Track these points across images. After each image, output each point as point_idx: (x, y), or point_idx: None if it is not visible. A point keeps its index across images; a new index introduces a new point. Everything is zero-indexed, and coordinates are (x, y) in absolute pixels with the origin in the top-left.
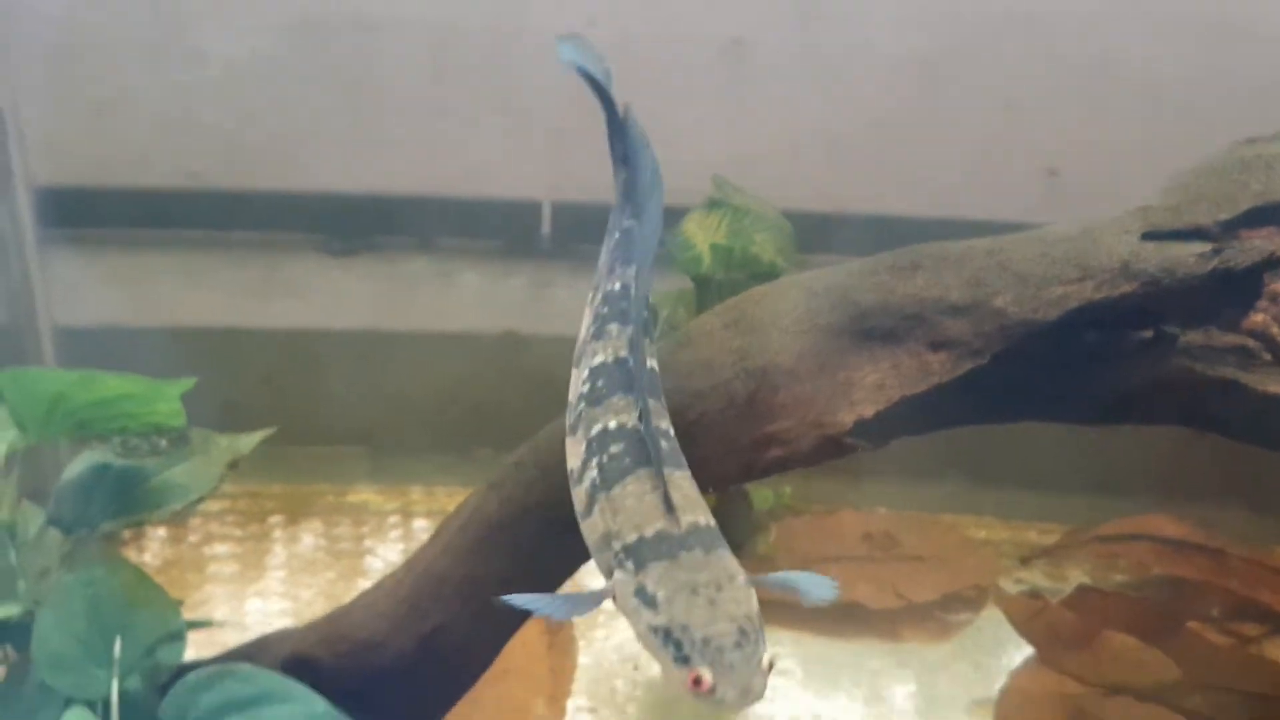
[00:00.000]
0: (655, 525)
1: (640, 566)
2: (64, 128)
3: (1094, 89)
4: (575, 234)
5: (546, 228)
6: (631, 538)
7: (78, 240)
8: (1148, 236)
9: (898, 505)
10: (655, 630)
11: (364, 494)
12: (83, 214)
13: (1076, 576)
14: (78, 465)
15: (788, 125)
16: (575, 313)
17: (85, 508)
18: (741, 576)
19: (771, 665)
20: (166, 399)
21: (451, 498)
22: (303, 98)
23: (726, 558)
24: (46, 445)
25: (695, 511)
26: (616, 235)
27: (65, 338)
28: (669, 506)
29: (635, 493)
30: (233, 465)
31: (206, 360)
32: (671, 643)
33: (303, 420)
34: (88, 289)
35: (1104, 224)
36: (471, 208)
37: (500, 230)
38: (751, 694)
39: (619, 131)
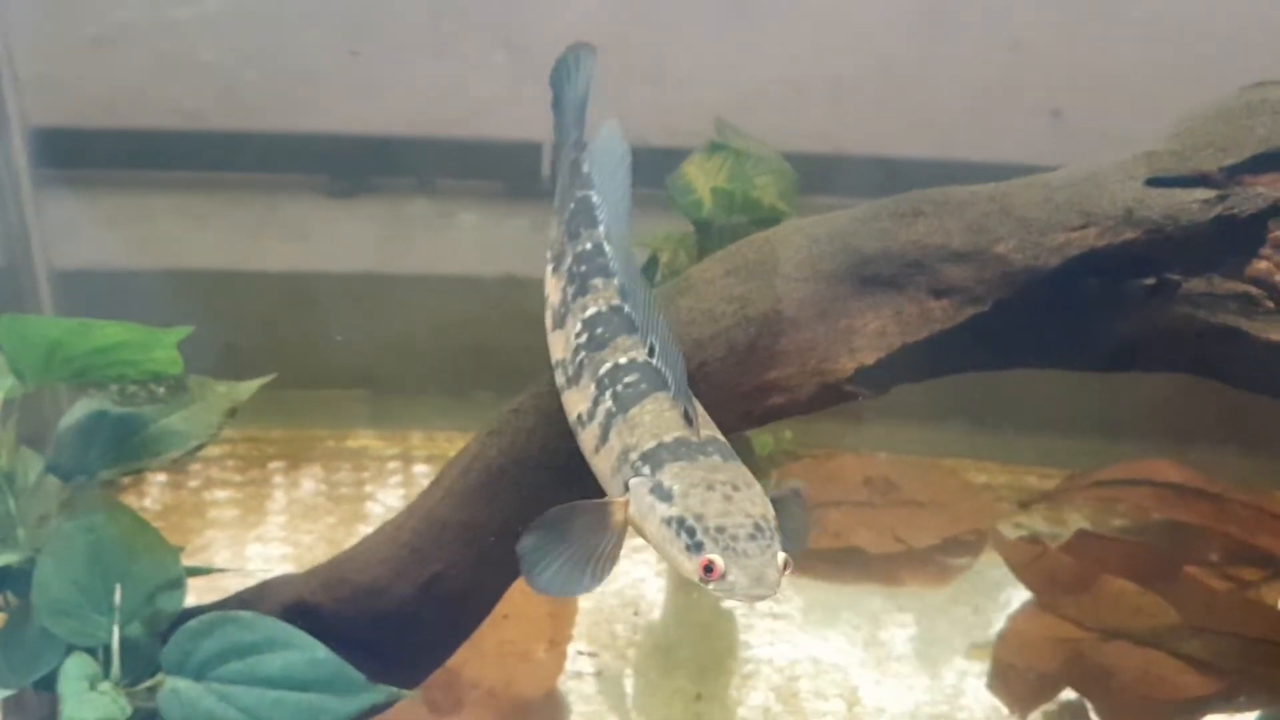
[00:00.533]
0: (674, 433)
1: (658, 468)
2: (59, 67)
3: (1099, 28)
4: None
5: (547, 169)
6: (649, 444)
7: (74, 181)
8: (1152, 183)
9: (898, 449)
10: (669, 521)
11: (364, 439)
12: (79, 154)
13: (1076, 521)
14: (76, 412)
15: (790, 67)
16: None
17: (84, 455)
18: (758, 486)
19: (788, 565)
20: (164, 346)
21: (452, 442)
22: (302, 36)
23: (743, 468)
24: (45, 391)
25: (712, 429)
26: (572, 205)
27: (63, 280)
28: (688, 419)
29: (654, 410)
30: (231, 413)
31: (205, 303)
32: (684, 530)
33: (302, 363)
34: (85, 231)
35: (1108, 169)
36: (472, 148)
37: (500, 171)
38: (764, 584)
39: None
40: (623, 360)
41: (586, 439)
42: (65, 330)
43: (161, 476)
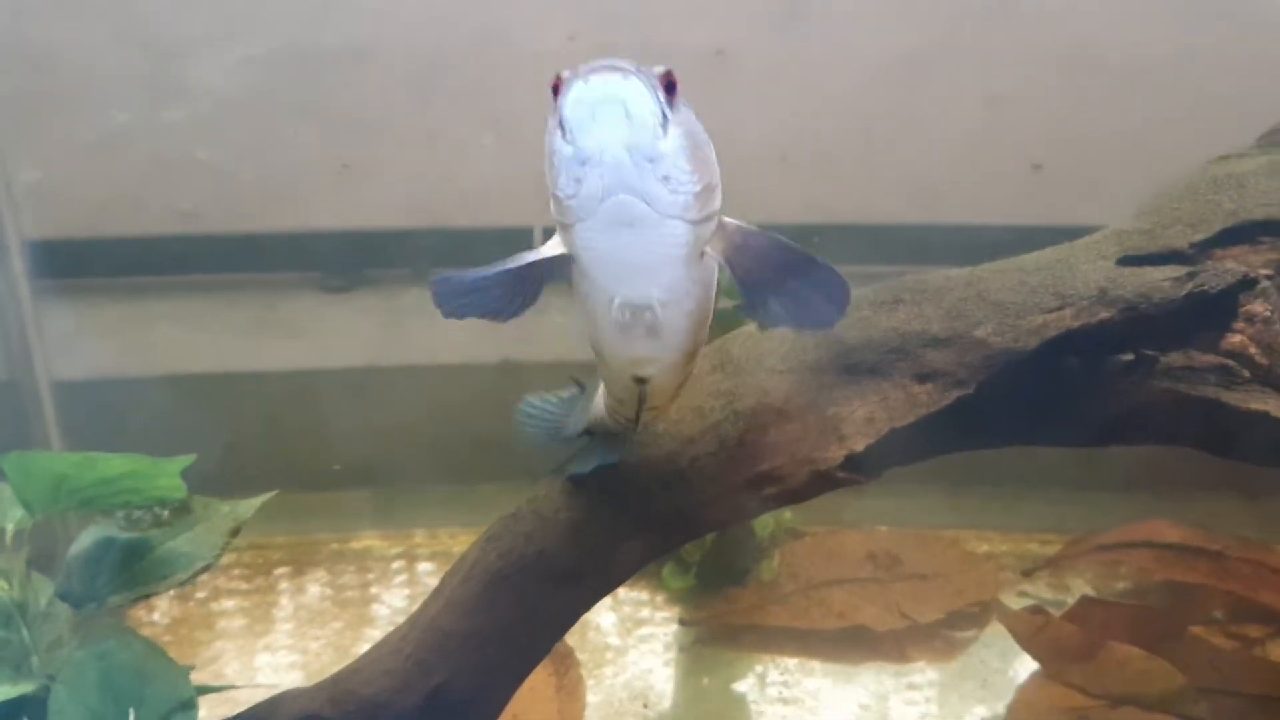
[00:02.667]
0: None
1: None
2: (57, 174)
3: (1076, 81)
4: (567, 258)
5: None
6: None
7: (74, 291)
8: (1124, 261)
9: (899, 520)
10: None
11: (367, 540)
12: (78, 264)
13: (1079, 586)
14: (84, 540)
15: (773, 135)
16: (568, 336)
17: (93, 582)
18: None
19: (672, 85)
20: (167, 475)
21: (454, 539)
22: (295, 131)
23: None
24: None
25: None
26: None
27: (64, 391)
28: None
29: None
30: (235, 532)
31: (206, 406)
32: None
33: (304, 461)
34: (85, 341)
35: (1080, 249)
36: (464, 236)
37: (493, 257)
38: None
39: None
40: None
41: None
42: (71, 464)
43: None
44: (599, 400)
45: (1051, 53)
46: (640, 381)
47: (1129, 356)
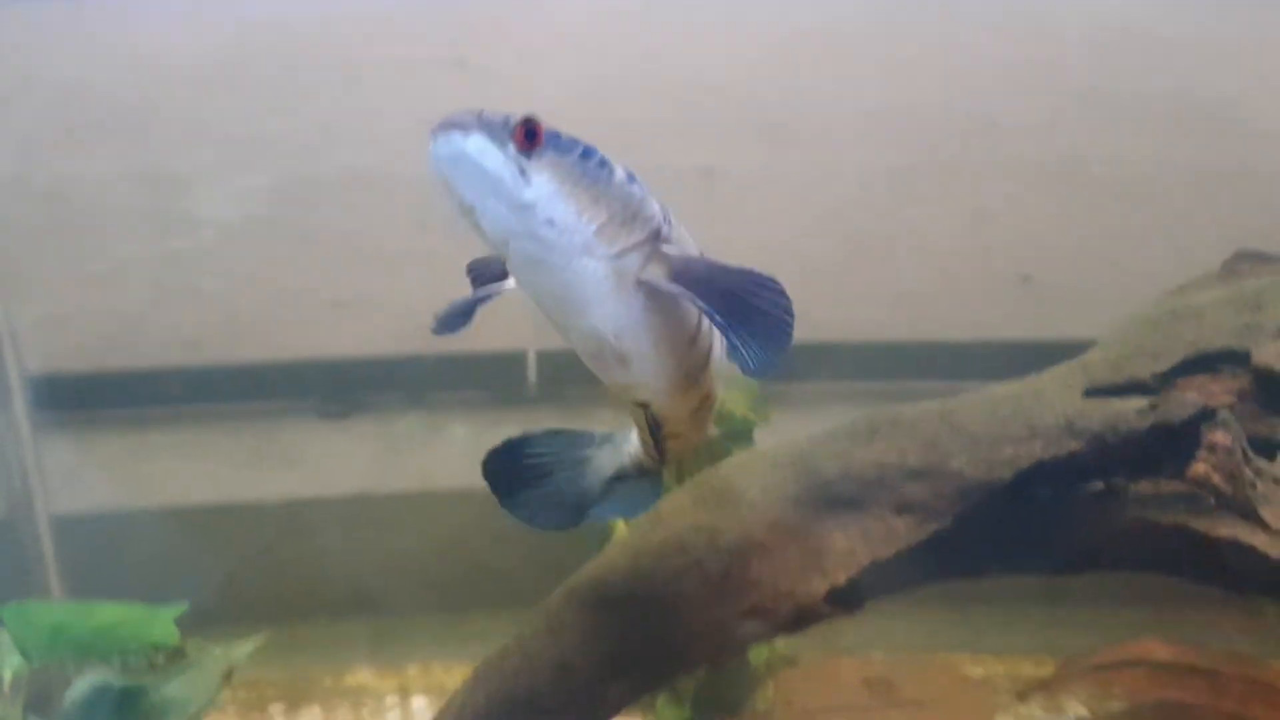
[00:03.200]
0: None
1: None
2: (62, 306)
3: (1061, 193)
4: (561, 380)
5: (533, 376)
6: None
7: (75, 424)
8: (1090, 393)
9: (893, 642)
10: None
11: (362, 675)
12: (80, 398)
13: (1073, 708)
14: (81, 686)
15: (761, 253)
16: None
17: None
18: None
19: (532, 132)
20: (161, 622)
21: (448, 672)
22: (294, 258)
23: None
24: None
25: None
26: None
27: (63, 526)
28: None
29: None
30: (228, 676)
31: (204, 537)
32: None
33: (299, 591)
34: (86, 475)
35: (1048, 380)
36: (459, 361)
37: (488, 381)
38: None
39: None
40: None
41: None
42: (68, 613)
43: None
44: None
45: (1036, 166)
46: (643, 405)
47: (1099, 486)
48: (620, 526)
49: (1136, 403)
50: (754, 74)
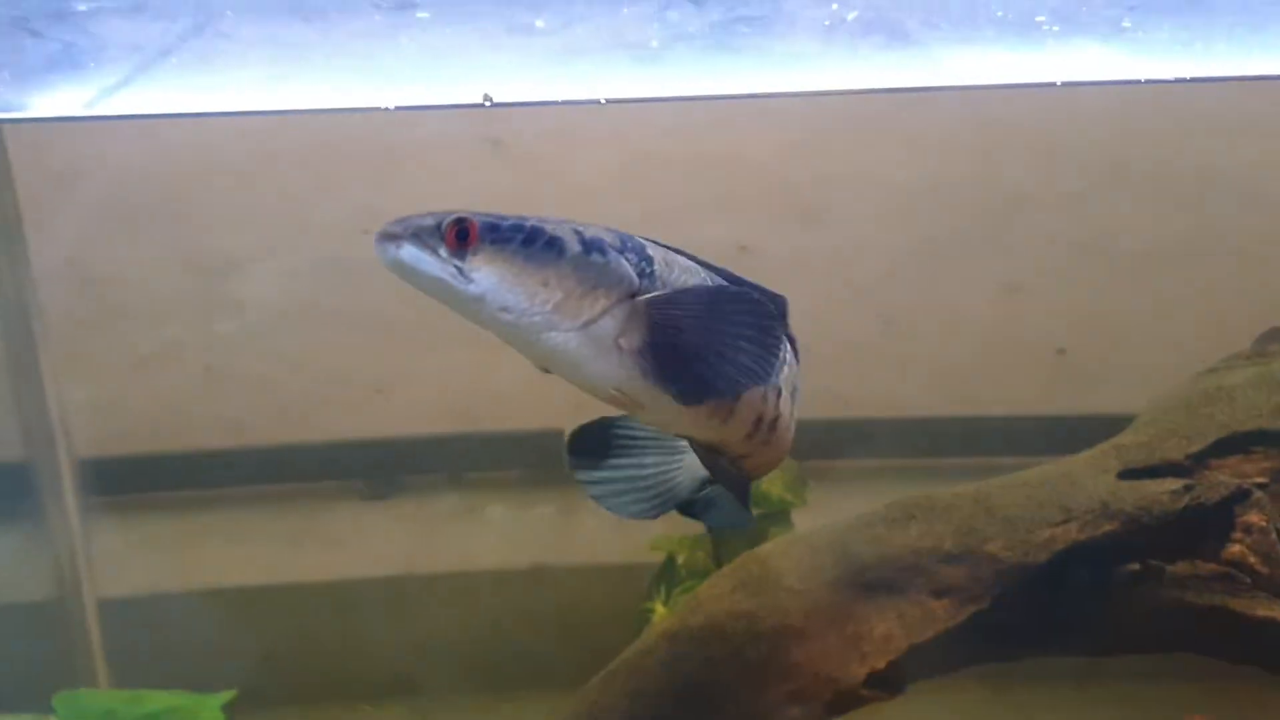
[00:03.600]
0: None
1: None
2: (108, 390)
3: (1092, 266)
4: None
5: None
6: None
7: (122, 508)
8: (1124, 475)
9: None
10: None
11: None
12: (127, 481)
13: None
14: None
15: (795, 328)
16: (601, 540)
17: None
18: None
19: (464, 233)
20: (209, 709)
21: None
22: (335, 341)
23: None
24: None
25: None
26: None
27: (110, 609)
28: None
29: None
30: None
31: (246, 618)
32: None
33: (339, 672)
34: (132, 557)
35: (1081, 463)
36: (497, 441)
37: (526, 460)
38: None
39: None
40: None
41: None
42: (118, 700)
43: None
44: None
45: (1067, 240)
46: (685, 438)
47: (1135, 567)
48: (659, 611)
49: (1171, 484)
50: (786, 153)
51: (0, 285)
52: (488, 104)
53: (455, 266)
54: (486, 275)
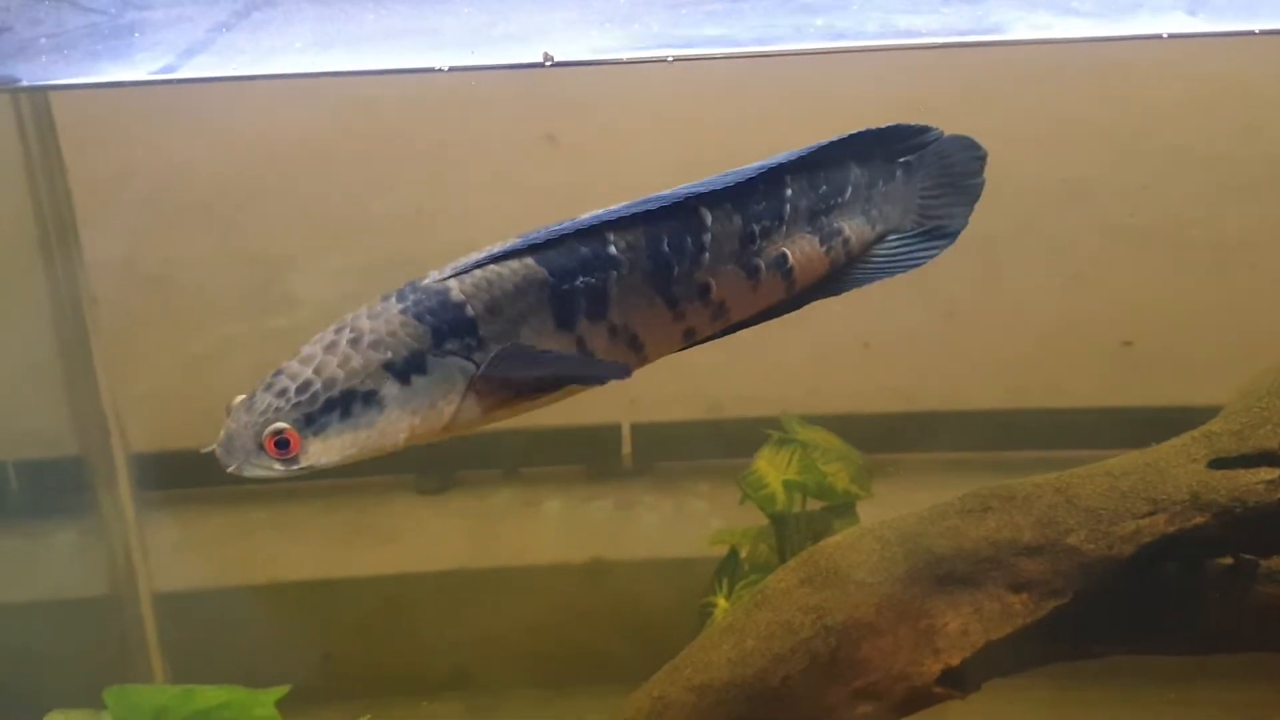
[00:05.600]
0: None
1: None
2: (161, 389)
3: (1159, 255)
4: (655, 453)
5: (627, 448)
6: None
7: (177, 502)
8: (1214, 464)
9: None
10: None
11: None
12: (182, 476)
13: None
14: None
15: (855, 321)
16: (659, 535)
17: None
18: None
19: (288, 445)
20: (263, 705)
21: None
22: None
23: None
24: None
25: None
26: None
27: (165, 604)
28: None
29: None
30: None
31: (302, 613)
32: None
33: (396, 667)
34: (187, 552)
35: (1167, 452)
36: (553, 435)
37: (582, 455)
38: (229, 453)
39: None
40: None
41: None
42: (170, 697)
43: None
44: None
45: (1133, 229)
46: None
47: (1228, 561)
48: (721, 606)
49: (1266, 474)
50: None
51: (54, 280)
52: (548, 64)
53: (297, 467)
54: (330, 454)
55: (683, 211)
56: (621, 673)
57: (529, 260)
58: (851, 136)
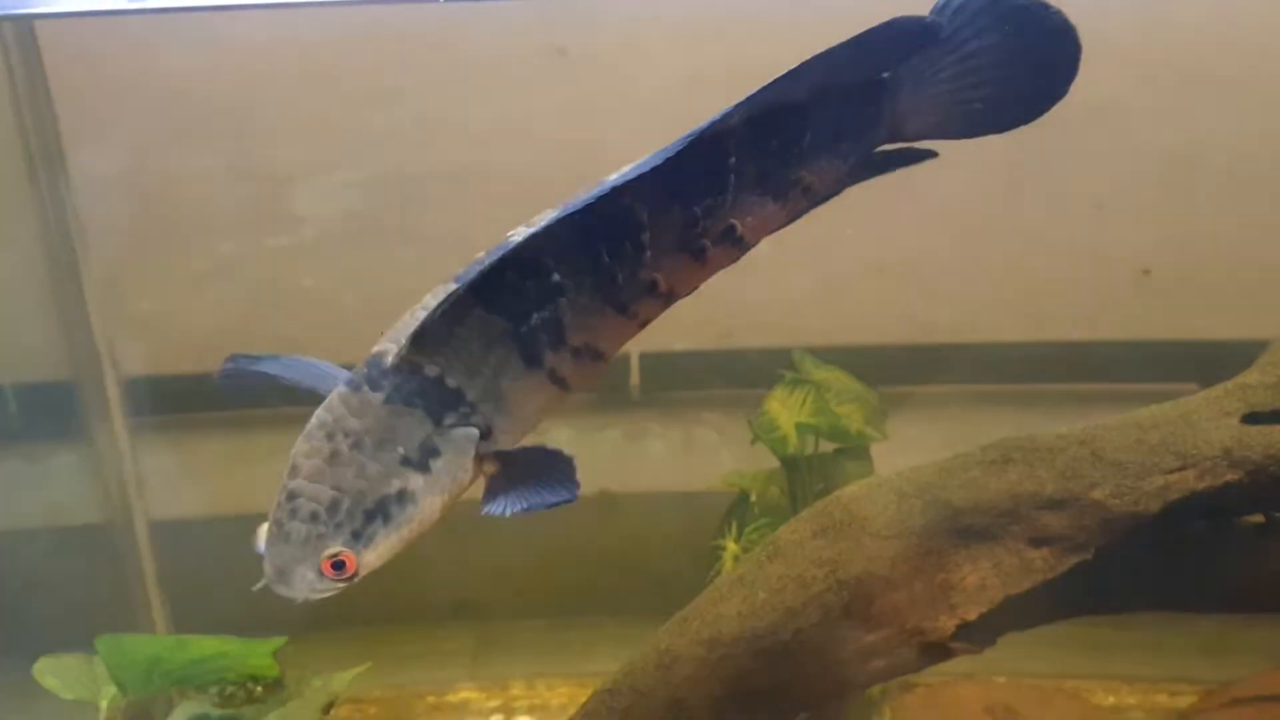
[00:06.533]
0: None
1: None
2: (156, 311)
3: (1181, 183)
4: (664, 383)
5: (635, 378)
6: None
7: (174, 428)
8: (1249, 419)
9: (1017, 667)
10: None
11: (465, 692)
12: (180, 401)
13: None
14: (178, 716)
15: (870, 245)
16: (668, 465)
17: None
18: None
19: (344, 567)
20: (259, 655)
21: (552, 690)
22: (394, 255)
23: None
24: None
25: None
26: None
27: (162, 531)
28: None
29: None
30: (328, 708)
31: None
32: None
33: (401, 595)
34: (184, 479)
35: (1199, 404)
36: None
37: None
38: (285, 582)
39: None
40: None
41: None
42: (163, 646)
43: None
44: None
45: (1154, 155)
46: None
47: (1260, 519)
48: (731, 549)
49: None
50: None
51: (41, 201)
52: None
53: (349, 580)
54: (382, 557)
55: (618, 215)
56: (626, 604)
57: (480, 312)
58: (815, 60)
